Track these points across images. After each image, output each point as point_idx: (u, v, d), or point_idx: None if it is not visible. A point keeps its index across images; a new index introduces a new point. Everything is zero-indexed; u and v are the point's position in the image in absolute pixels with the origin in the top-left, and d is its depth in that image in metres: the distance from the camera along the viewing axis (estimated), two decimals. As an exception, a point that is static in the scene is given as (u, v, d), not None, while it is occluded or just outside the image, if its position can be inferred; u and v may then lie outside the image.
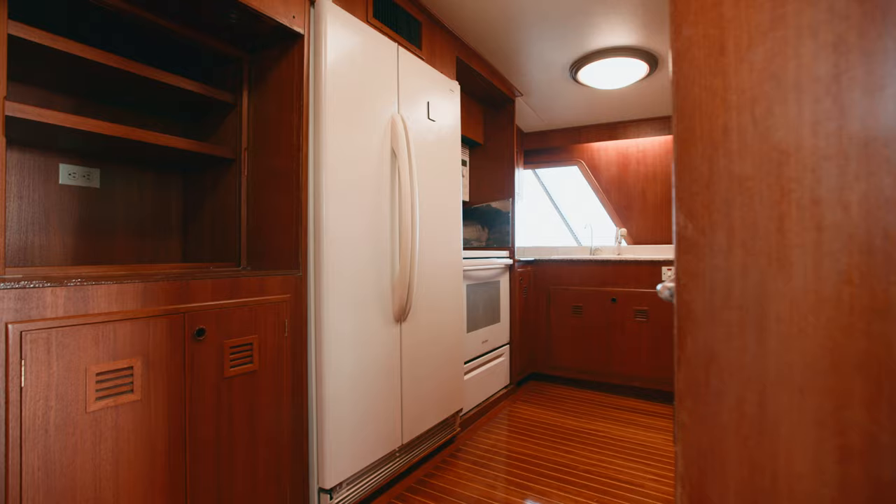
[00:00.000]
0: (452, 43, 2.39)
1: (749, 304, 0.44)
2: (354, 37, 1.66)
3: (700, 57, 0.47)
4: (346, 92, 1.61)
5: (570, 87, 3.00)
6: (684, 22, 0.47)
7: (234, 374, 1.29)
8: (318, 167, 1.54)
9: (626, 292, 3.08)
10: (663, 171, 3.62)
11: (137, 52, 1.58)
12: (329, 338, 1.52)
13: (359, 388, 1.65)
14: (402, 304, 1.83)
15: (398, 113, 1.88)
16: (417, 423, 1.97)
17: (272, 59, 1.60)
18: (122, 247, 1.62)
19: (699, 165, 0.47)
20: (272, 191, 1.59)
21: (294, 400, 1.48)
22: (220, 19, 1.43)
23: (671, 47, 0.48)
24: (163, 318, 1.13)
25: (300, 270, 1.51)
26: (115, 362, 1.03)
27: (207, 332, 1.22)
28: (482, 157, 3.28)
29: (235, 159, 1.65)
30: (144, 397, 1.09)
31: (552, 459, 2.15)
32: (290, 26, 1.48)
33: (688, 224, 0.47)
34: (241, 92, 1.64)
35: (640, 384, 3.04)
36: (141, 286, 1.09)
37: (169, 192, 1.75)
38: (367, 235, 1.69)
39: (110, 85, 1.43)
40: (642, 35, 2.34)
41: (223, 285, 1.27)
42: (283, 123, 1.57)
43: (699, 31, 0.47)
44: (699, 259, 0.47)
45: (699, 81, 0.47)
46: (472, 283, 2.60)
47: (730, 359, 0.45)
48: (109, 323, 1.03)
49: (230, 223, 1.66)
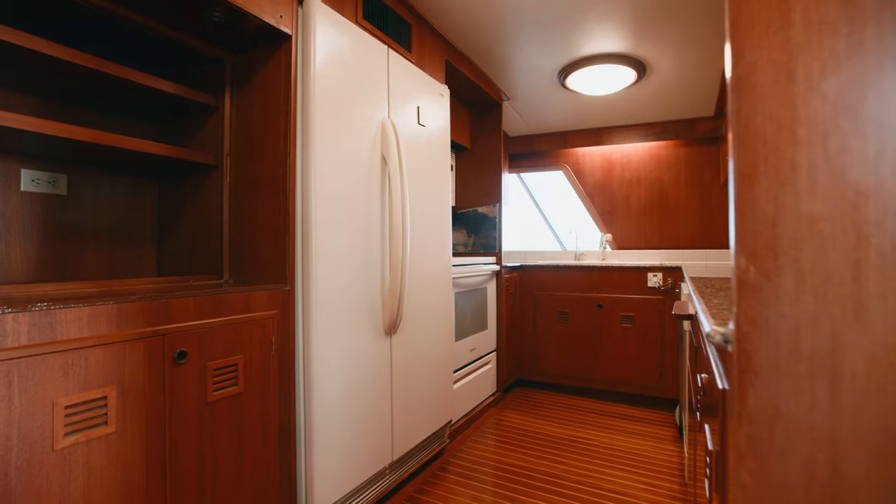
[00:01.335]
0: (442, 46, 2.34)
1: (820, 356, 0.40)
2: (344, 38, 1.58)
3: (764, 84, 0.43)
4: (336, 95, 1.54)
5: (557, 92, 2.99)
6: (746, 45, 0.43)
7: (218, 398, 1.21)
8: (307, 174, 1.46)
9: (613, 298, 3.09)
10: (647, 177, 3.66)
11: (114, 52, 1.47)
12: (318, 355, 1.45)
13: (349, 407, 1.57)
14: (393, 317, 1.77)
15: (388, 118, 1.81)
16: (407, 438, 1.91)
17: (257, 60, 1.51)
18: (92, 259, 1.50)
19: (763, 203, 0.42)
20: (257, 199, 1.50)
21: (281, 422, 1.40)
22: (201, 18, 1.34)
23: (731, 72, 0.44)
24: (140, 342, 1.03)
25: (287, 284, 1.43)
26: (87, 393, 0.94)
27: (189, 355, 1.13)
28: (469, 162, 3.24)
29: (217, 165, 1.55)
30: (119, 429, 1.00)
31: (542, 470, 2.12)
32: (277, 26, 1.40)
33: (750, 267, 0.43)
34: (224, 94, 1.55)
35: (626, 389, 3.06)
36: (116, 308, 0.99)
37: (143, 199, 1.64)
38: (356, 245, 1.62)
39: (78, 85, 1.32)
40: (632, 42, 2.34)
41: (206, 303, 1.18)
42: (268, 127, 1.48)
43: (763, 56, 0.43)
44: (763, 306, 0.43)
45: (763, 111, 0.43)
46: (460, 290, 2.55)
47: (798, 415, 0.41)
48: (80, 350, 0.93)
49: (211, 233, 1.56)
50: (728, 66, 0.45)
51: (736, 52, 0.44)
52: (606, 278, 3.12)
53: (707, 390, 0.77)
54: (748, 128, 0.43)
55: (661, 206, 3.61)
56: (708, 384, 0.75)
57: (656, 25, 2.17)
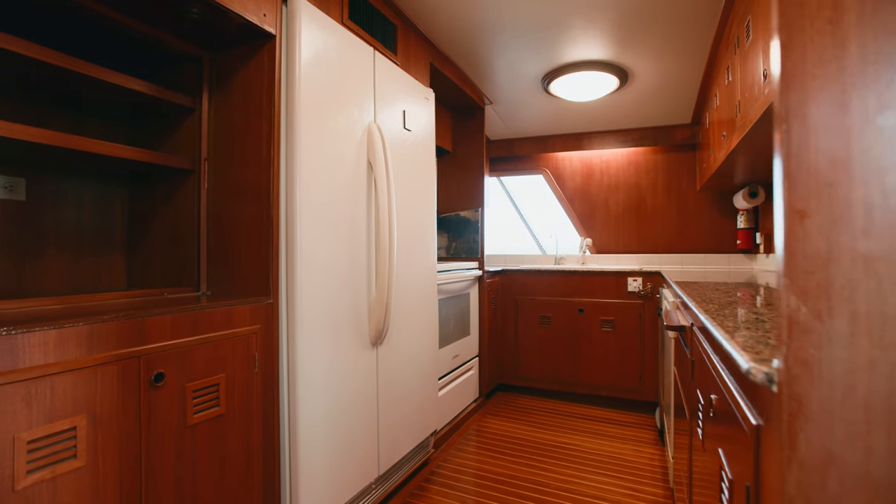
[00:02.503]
0: (427, 48, 2.29)
1: (877, 401, 0.39)
2: (330, 39, 1.52)
3: (816, 116, 0.41)
4: (321, 98, 1.48)
5: (540, 97, 2.99)
6: (797, 75, 0.41)
7: (198, 421, 1.13)
8: (291, 180, 1.39)
9: (594, 303, 3.12)
10: (626, 182, 3.71)
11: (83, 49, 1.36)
12: (303, 372, 1.38)
13: (335, 424, 1.51)
14: (380, 327, 1.71)
15: (375, 122, 1.76)
16: (393, 451, 1.86)
17: (238, 60, 1.43)
18: (55, 271, 1.39)
19: (815, 241, 0.41)
20: (238, 206, 1.42)
21: (265, 443, 1.33)
22: (178, 14, 1.25)
23: (780, 102, 0.42)
24: (114, 366, 0.95)
25: (271, 297, 1.36)
26: (53, 424, 0.86)
27: (167, 377, 1.05)
28: (450, 165, 3.20)
29: (194, 170, 1.46)
30: (90, 462, 0.91)
31: (526, 477, 2.11)
32: (261, 25, 1.32)
33: (801, 307, 0.41)
34: (201, 95, 1.46)
35: (606, 393, 3.09)
36: (86, 330, 0.91)
37: (111, 205, 1.53)
38: (342, 254, 1.56)
39: (42, 83, 1.21)
40: (616, 50, 2.35)
41: (185, 320, 1.11)
42: (250, 131, 1.41)
43: (816, 85, 0.41)
44: (815, 348, 0.41)
45: (814, 144, 0.41)
46: (443, 296, 2.52)
47: (853, 462, 0.40)
48: (45, 378, 0.85)
49: (187, 242, 1.47)
50: (777, 94, 0.43)
51: (786, 82, 0.42)
52: (587, 283, 3.14)
53: (718, 412, 0.76)
54: (800, 162, 0.41)
55: (640, 211, 3.67)
56: (720, 406, 0.74)
57: (640, 34, 2.19)
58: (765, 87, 1.42)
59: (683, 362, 1.41)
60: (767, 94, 1.38)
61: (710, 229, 3.48)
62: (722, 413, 0.72)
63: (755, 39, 1.55)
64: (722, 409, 0.72)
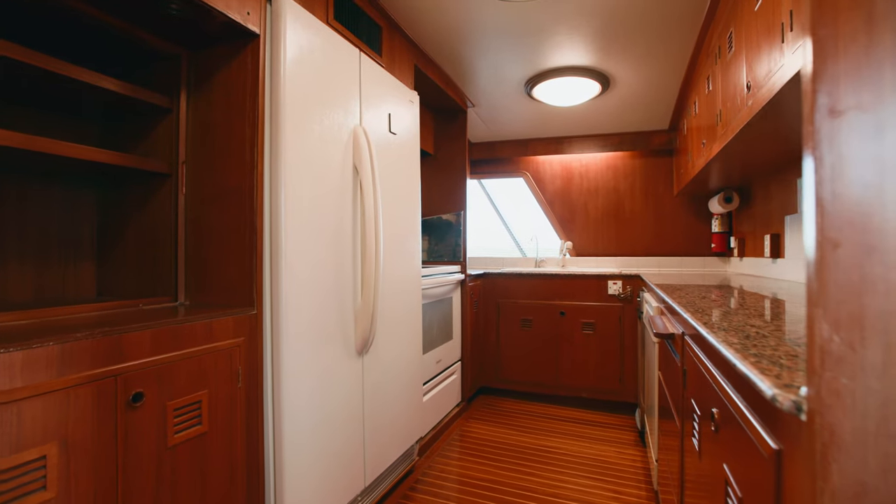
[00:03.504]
0: (411, 50, 2.26)
1: (911, 433, 0.38)
2: (316, 39, 1.47)
3: (850, 144, 0.40)
4: (307, 100, 1.43)
5: (522, 101, 3.00)
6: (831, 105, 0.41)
7: (179, 441, 1.07)
8: (276, 185, 1.34)
9: (574, 305, 3.15)
10: (605, 186, 3.77)
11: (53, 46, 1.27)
12: (288, 386, 1.33)
13: (320, 438, 1.47)
14: (366, 336, 1.67)
15: (361, 125, 1.72)
16: (379, 461, 1.82)
17: (219, 59, 1.37)
18: (16, 280, 1.29)
19: (849, 270, 0.40)
20: (219, 212, 1.36)
21: (249, 460, 1.27)
22: (156, 10, 1.18)
23: (815, 125, 0.41)
24: (87, 387, 0.89)
25: (255, 307, 1.30)
26: (20, 455, 0.79)
27: (146, 396, 0.99)
28: (433, 168, 3.17)
29: (171, 174, 1.39)
30: (62, 492, 0.85)
31: (511, 483, 2.11)
32: (244, 24, 1.27)
33: (834, 336, 0.40)
34: (179, 94, 1.39)
35: (587, 395, 3.12)
36: (57, 350, 0.84)
37: (79, 210, 1.44)
38: (328, 261, 1.52)
39: (6, 80, 1.12)
40: (599, 57, 2.38)
41: (165, 335, 1.04)
42: (232, 133, 1.35)
43: (852, 103, 0.40)
44: (848, 378, 0.40)
45: (848, 173, 0.40)
46: (427, 301, 2.49)
47: (888, 494, 0.39)
48: (11, 404, 0.78)
49: (163, 249, 1.39)
50: (807, 117, 0.42)
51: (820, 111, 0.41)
52: (568, 286, 3.17)
53: (722, 427, 0.76)
54: (834, 190, 0.40)
55: (618, 215, 3.73)
56: (724, 422, 0.74)
57: (623, 42, 2.21)
58: (748, 99, 1.45)
59: (671, 368, 1.43)
60: (751, 106, 1.41)
61: (686, 233, 3.57)
62: (727, 429, 0.72)
63: (738, 51, 1.58)
64: (727, 425, 0.72)
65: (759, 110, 1.34)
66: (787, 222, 2.20)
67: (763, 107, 1.30)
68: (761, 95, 1.31)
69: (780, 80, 1.15)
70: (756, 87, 1.36)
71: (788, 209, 2.19)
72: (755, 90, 1.38)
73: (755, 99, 1.37)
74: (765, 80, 1.29)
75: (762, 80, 1.31)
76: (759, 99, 1.32)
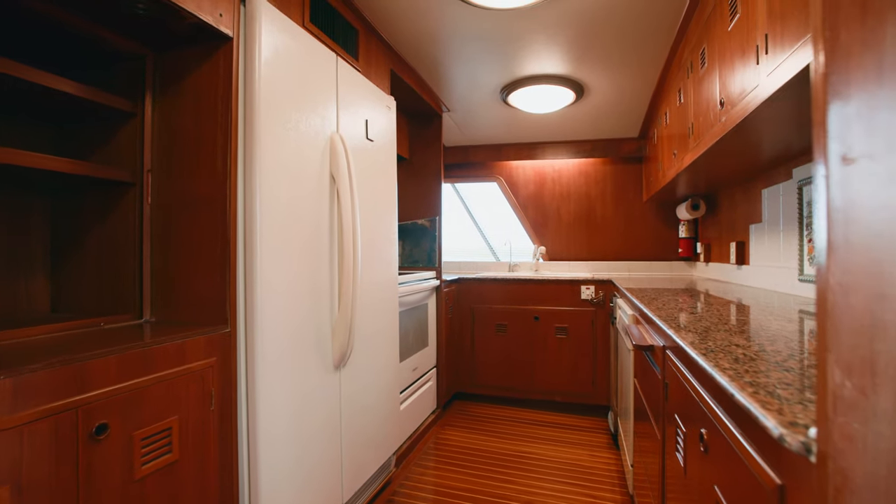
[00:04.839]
0: (388, 54, 2.22)
1: (921, 478, 0.39)
2: (292, 43, 1.41)
3: (865, 184, 0.40)
4: (282, 105, 1.37)
5: (498, 107, 3.00)
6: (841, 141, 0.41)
7: (148, 472, 1.00)
8: (251, 194, 1.28)
9: (548, 310, 3.18)
10: (576, 192, 3.83)
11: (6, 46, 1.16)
12: (264, 407, 1.28)
13: (297, 459, 1.41)
14: (343, 349, 1.63)
15: (337, 132, 1.67)
16: (356, 476, 1.78)
17: (189, 61, 1.29)
18: (-41, 298, 1.18)
19: (861, 316, 0.40)
20: (188, 223, 1.28)
21: (223, 485, 1.21)
22: (119, 9, 1.10)
23: (821, 160, 0.42)
24: (44, 422, 0.81)
25: (228, 325, 1.24)
26: (-31, 501, 0.71)
27: (111, 427, 0.92)
28: (408, 173, 3.14)
29: (135, 183, 1.30)
30: (16, 539, 0.77)
31: (487, 491, 2.11)
32: (216, 26, 1.20)
33: (846, 381, 0.41)
34: (143, 98, 1.30)
35: (560, 398, 3.17)
36: (9, 384, 0.77)
37: (29, 221, 1.33)
38: (304, 273, 1.46)
39: (-58, 79, 1.02)
40: (574, 66, 2.41)
41: (132, 360, 0.97)
42: (203, 140, 1.27)
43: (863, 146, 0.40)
44: (860, 423, 0.40)
45: (862, 217, 0.40)
46: (403, 308, 2.45)
47: (897, 539, 0.40)
48: (-41, 446, 0.70)
49: (126, 263, 1.30)
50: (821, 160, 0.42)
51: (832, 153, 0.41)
52: (543, 291, 3.20)
53: (712, 450, 0.77)
54: (847, 230, 0.41)
55: (590, 220, 3.80)
56: (715, 445, 0.75)
57: (598, 52, 2.25)
58: (721, 115, 1.50)
59: (650, 378, 1.45)
60: (725, 122, 1.45)
61: (655, 238, 3.68)
62: (718, 451, 0.73)
63: (710, 67, 1.63)
64: (718, 448, 0.73)
65: (734, 127, 1.38)
66: (753, 231, 2.29)
67: (737, 124, 1.34)
68: (735, 113, 1.35)
69: (756, 100, 1.19)
70: (730, 104, 1.40)
71: (753, 218, 2.28)
72: (729, 107, 1.42)
73: (729, 116, 1.42)
74: (738, 99, 1.33)
75: (736, 97, 1.35)
76: (734, 116, 1.36)
